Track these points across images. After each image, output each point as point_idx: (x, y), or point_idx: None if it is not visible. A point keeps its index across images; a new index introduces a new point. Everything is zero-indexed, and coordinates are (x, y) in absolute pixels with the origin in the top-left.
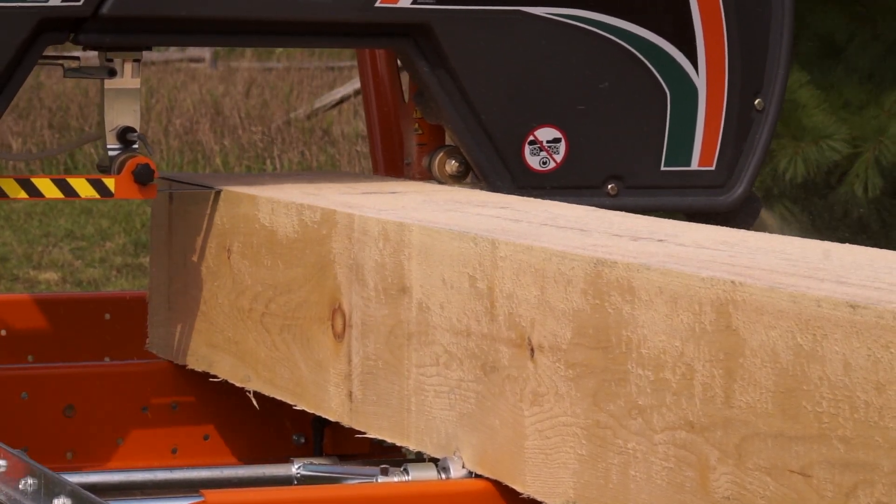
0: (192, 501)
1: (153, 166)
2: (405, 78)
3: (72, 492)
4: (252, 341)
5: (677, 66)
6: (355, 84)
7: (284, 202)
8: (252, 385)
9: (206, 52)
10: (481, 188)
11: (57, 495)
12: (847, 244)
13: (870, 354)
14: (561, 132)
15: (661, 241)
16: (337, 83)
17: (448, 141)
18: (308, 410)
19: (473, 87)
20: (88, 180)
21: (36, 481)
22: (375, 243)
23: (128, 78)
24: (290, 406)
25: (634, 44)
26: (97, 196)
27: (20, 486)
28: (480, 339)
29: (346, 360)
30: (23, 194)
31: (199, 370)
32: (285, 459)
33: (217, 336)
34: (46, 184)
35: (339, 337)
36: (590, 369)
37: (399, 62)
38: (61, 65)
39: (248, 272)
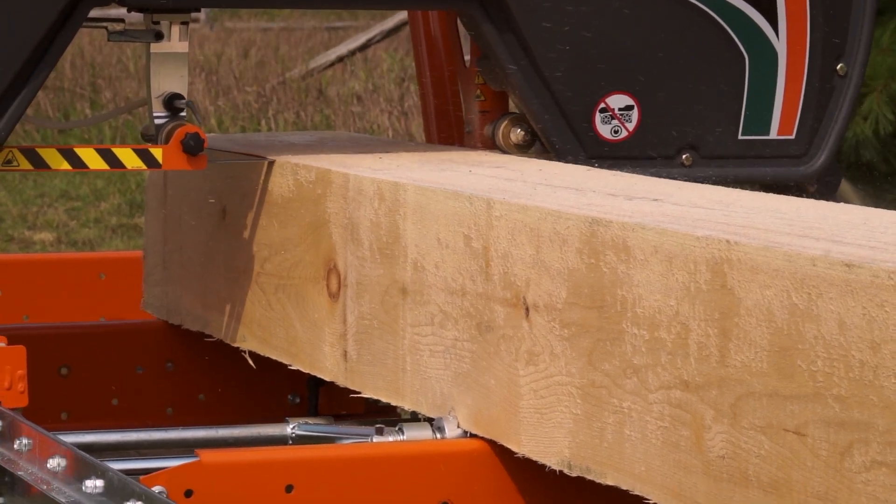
0: (187, 461)
1: (203, 135)
2: (462, 39)
3: (67, 451)
4: (248, 301)
5: (756, 29)
6: (350, 44)
7: (279, 162)
8: (247, 345)
9: (201, 13)
10: (549, 159)
11: (52, 455)
12: (842, 203)
13: (865, 313)
14: (633, 99)
15: (656, 200)
16: (333, 43)
17: (513, 108)
18: (303, 370)
19: (542, 51)
20: (135, 150)
21: (31, 441)
22: (370, 203)
23: (175, 41)
24: (285, 366)
25: (711, 5)
26: (144, 167)
27: (15, 447)
28: (475, 298)
29: (340, 320)
30: (66, 165)
31: (194, 330)
32: (280, 419)
33: (212, 296)
34: (90, 154)
35: (333, 296)
36: (585, 329)
37: (462, 24)
38: (105, 27)
39: (243, 232)
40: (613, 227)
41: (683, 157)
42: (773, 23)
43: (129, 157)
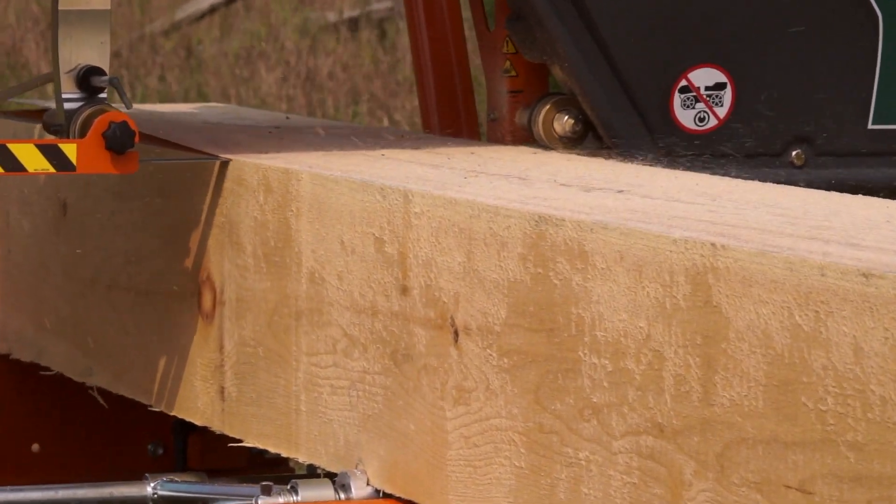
0: None
1: (133, 126)
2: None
3: None
4: (96, 322)
5: None
6: None
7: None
8: (95, 380)
9: None
10: (606, 156)
11: None
12: (860, 195)
13: (887, 337)
14: (726, 75)
15: (621, 192)
16: None
17: (555, 87)
18: (167, 412)
19: (602, 9)
20: (39, 147)
21: None
22: (254, 196)
23: None
24: (145, 406)
25: None
26: (51, 170)
27: None
28: (390, 318)
29: (216, 347)
30: None
31: (26, 360)
32: (139, 476)
33: (49, 316)
34: None
35: (207, 317)
36: (530, 358)
37: None
38: None
39: (89, 233)
40: (566, 226)
41: (793, 153)
42: None
43: (30, 157)
